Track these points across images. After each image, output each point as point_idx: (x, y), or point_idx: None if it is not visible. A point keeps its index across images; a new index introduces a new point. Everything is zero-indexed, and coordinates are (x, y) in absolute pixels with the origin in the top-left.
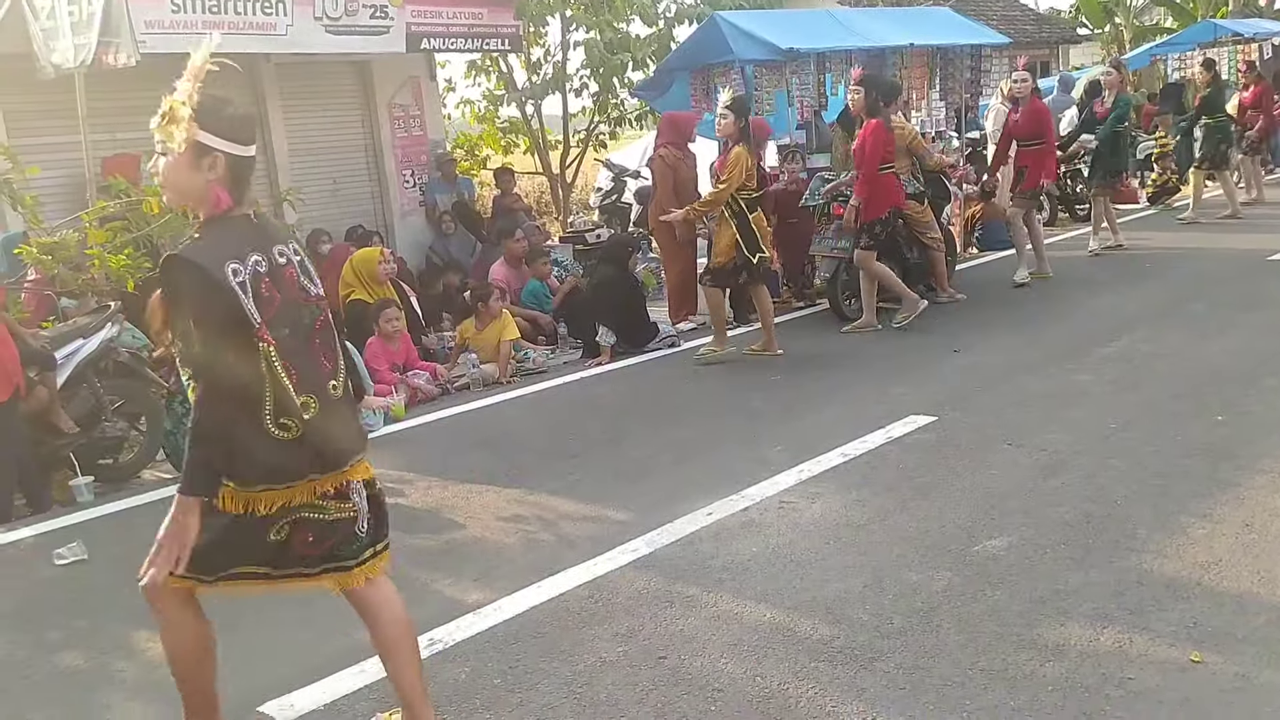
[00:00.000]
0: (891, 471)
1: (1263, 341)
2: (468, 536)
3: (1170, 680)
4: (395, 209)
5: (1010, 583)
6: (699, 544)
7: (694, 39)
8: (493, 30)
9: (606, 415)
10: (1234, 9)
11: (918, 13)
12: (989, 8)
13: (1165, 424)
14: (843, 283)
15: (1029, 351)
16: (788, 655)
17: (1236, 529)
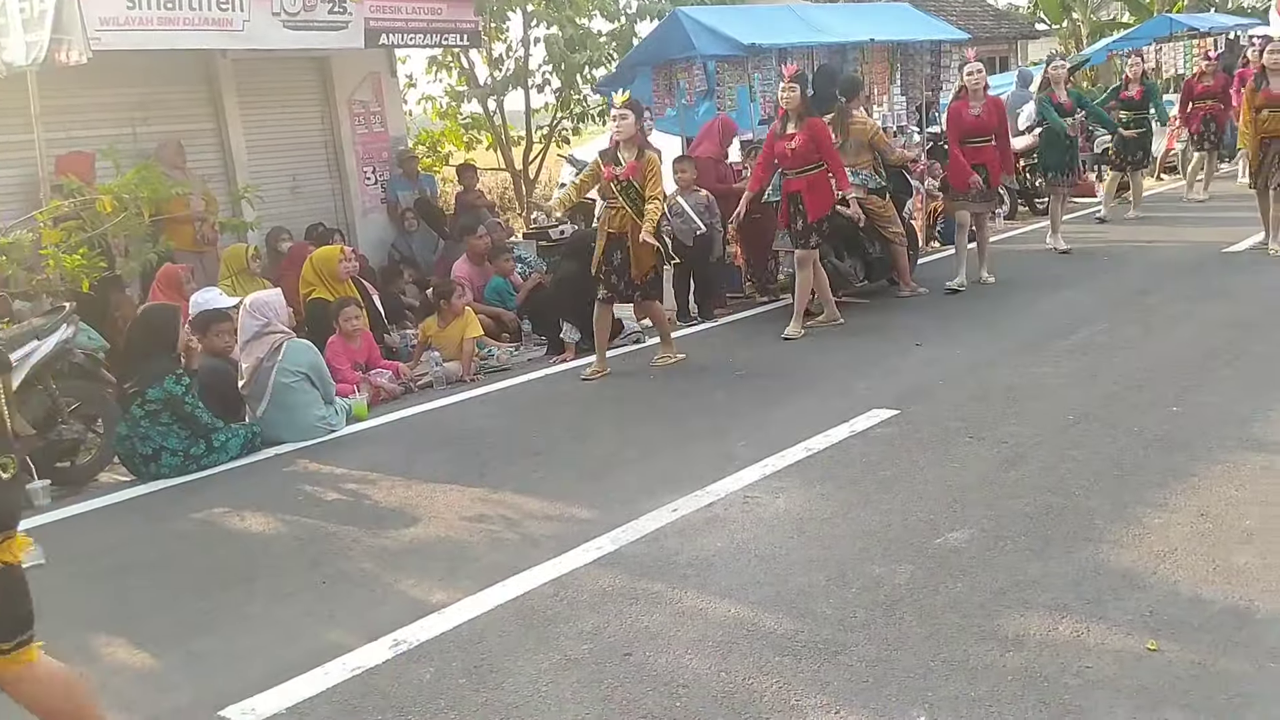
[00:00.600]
0: (855, 465)
1: (1217, 333)
2: (432, 535)
3: (1127, 669)
4: (356, 206)
5: (971, 574)
6: (664, 540)
7: (656, 34)
8: (452, 25)
9: (571, 412)
10: (1189, 3)
11: (878, 8)
12: (948, 3)
13: (1122, 415)
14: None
15: (989, 345)
16: (752, 650)
17: (1192, 518)
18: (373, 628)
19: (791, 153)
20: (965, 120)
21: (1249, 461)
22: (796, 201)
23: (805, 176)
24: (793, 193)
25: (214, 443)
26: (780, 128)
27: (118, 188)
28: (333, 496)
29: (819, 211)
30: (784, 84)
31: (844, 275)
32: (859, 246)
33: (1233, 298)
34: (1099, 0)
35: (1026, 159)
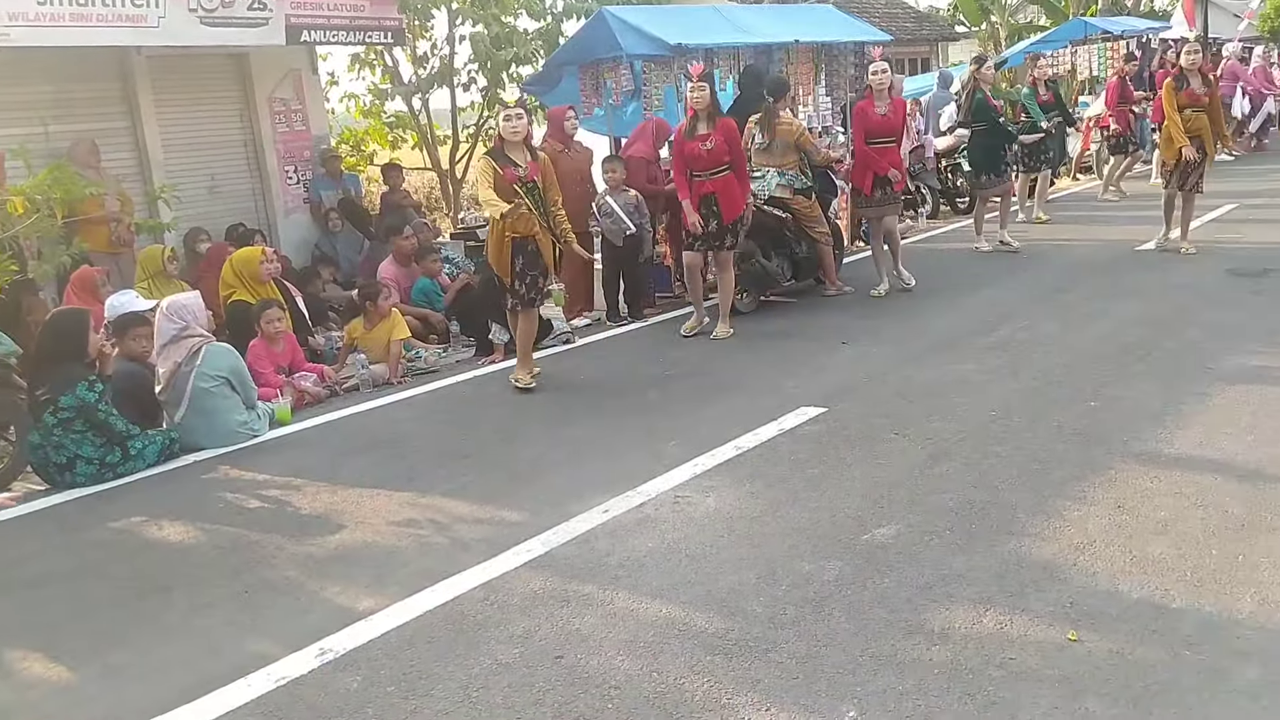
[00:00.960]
0: (783, 463)
1: (1131, 329)
2: (359, 541)
3: (1049, 660)
4: (278, 206)
5: (898, 570)
6: (594, 542)
7: (582, 34)
8: (375, 23)
9: (500, 414)
10: (1103, 7)
11: (802, 9)
12: (871, 5)
13: (1042, 410)
14: (734, 276)
15: (913, 343)
16: (683, 650)
17: (1109, 510)
18: (298, 637)
19: (707, 154)
20: (871, 120)
21: (1162, 454)
22: (710, 204)
23: (719, 178)
24: (706, 195)
25: (130, 450)
26: (689, 129)
27: (29, 188)
28: (255, 503)
29: (734, 213)
30: (692, 84)
31: (771, 275)
32: (786, 246)
33: (1144, 295)
34: (1016, 3)
35: (949, 158)
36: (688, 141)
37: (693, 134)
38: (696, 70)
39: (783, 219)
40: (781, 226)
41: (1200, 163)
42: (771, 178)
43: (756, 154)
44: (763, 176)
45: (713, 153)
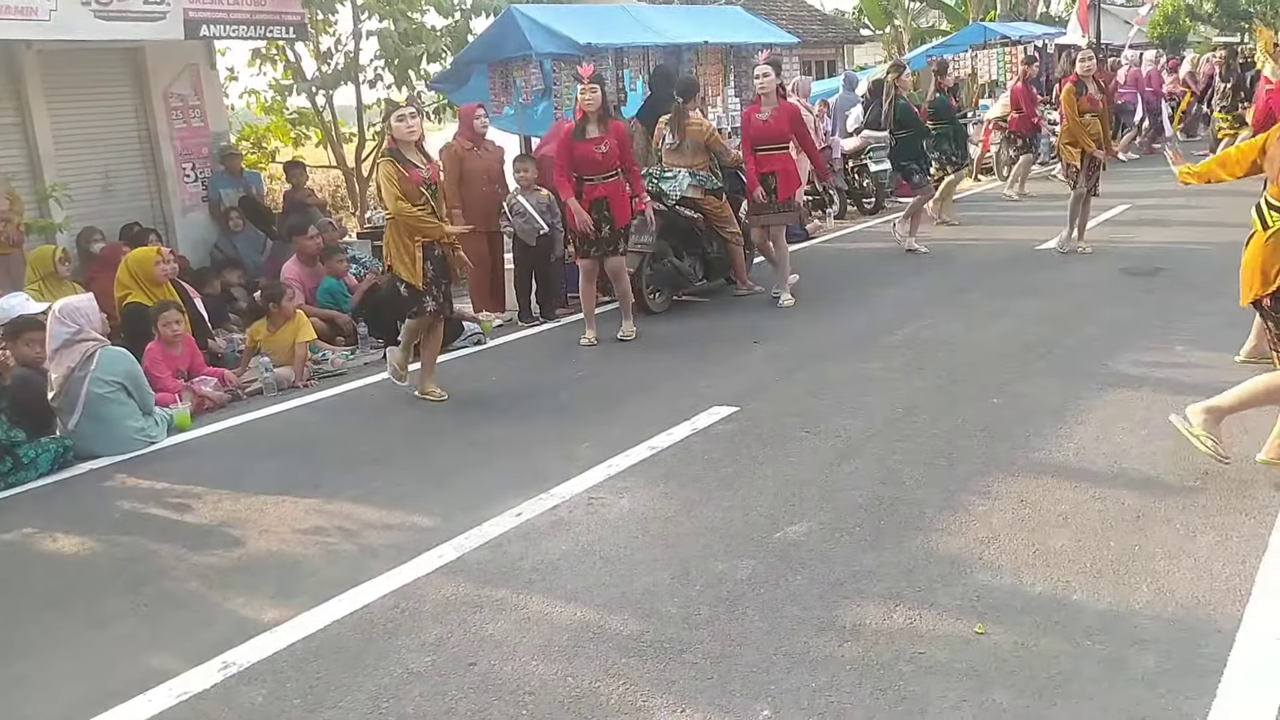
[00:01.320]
0: (697, 463)
1: (1032, 326)
2: (263, 551)
3: (957, 653)
4: (175, 205)
5: (810, 567)
6: (508, 546)
7: (491, 31)
8: (277, 17)
9: (410, 417)
10: (1002, 13)
11: (711, 11)
12: (778, 8)
13: (948, 407)
14: (647, 276)
15: (823, 341)
16: (598, 653)
17: (1013, 504)
18: (200, 650)
19: (602, 157)
20: (754, 126)
21: (1062, 449)
22: (603, 208)
23: (611, 183)
24: (598, 199)
25: (21, 459)
26: (580, 131)
27: None
28: (154, 512)
29: (626, 217)
30: (583, 86)
31: (684, 274)
32: (698, 246)
33: (1044, 294)
34: (919, 8)
35: (855, 160)
36: (578, 144)
37: (584, 136)
38: (586, 72)
39: (694, 219)
40: (693, 227)
41: (1098, 165)
42: (683, 178)
43: (667, 154)
44: (674, 177)
45: (607, 156)
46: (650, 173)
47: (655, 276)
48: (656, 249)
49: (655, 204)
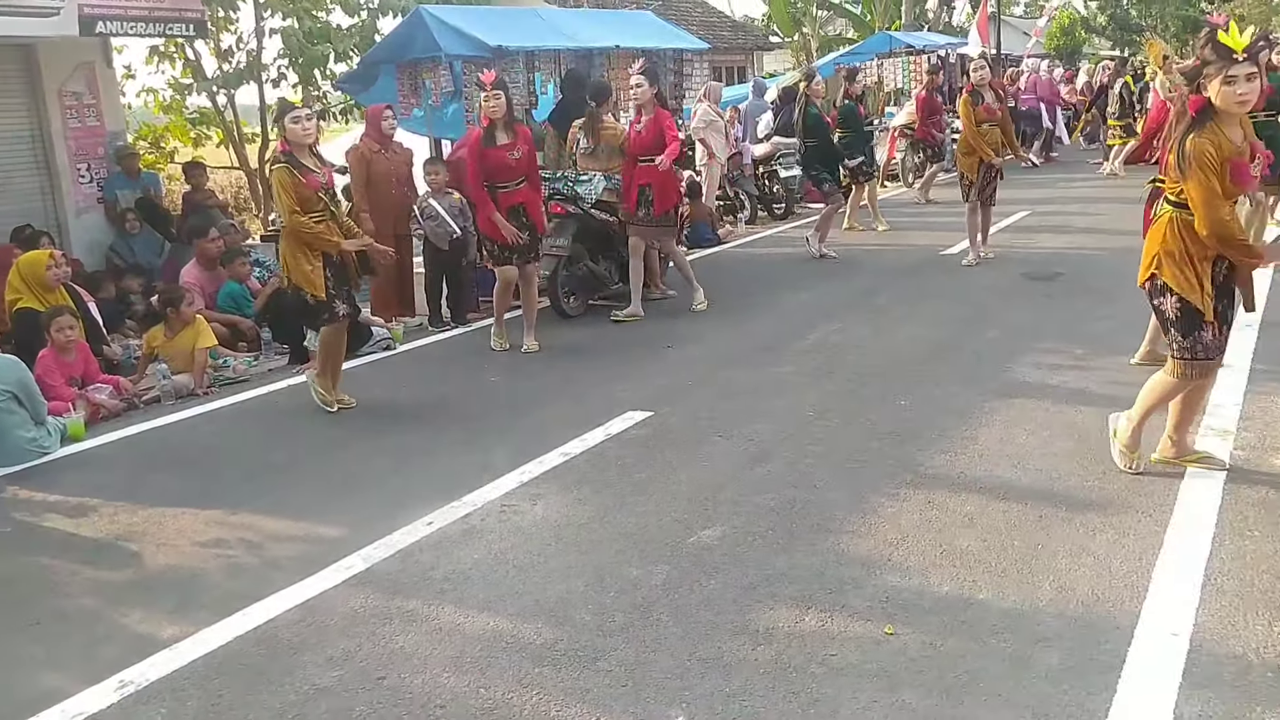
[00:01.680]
0: (610, 468)
1: (937, 330)
2: (161, 565)
3: (867, 654)
4: (69, 206)
5: (724, 571)
6: (418, 555)
7: (399, 32)
8: (176, 14)
9: (317, 425)
10: (906, 22)
11: (622, 16)
12: (689, 13)
13: (857, 410)
14: (562, 279)
15: (735, 345)
16: (511, 664)
17: (920, 506)
18: (95, 669)
19: (516, 163)
20: (630, 136)
21: (967, 450)
22: (520, 214)
23: (525, 187)
24: (515, 205)
25: None
26: (489, 138)
27: None
28: (47, 526)
29: (543, 223)
30: (487, 92)
31: (599, 278)
32: (613, 249)
33: (949, 298)
34: (826, 16)
35: (766, 165)
36: (490, 150)
37: (494, 143)
38: (488, 78)
39: (609, 222)
40: (608, 230)
41: (996, 174)
42: (598, 181)
43: (582, 158)
44: (589, 180)
45: (520, 162)
46: (565, 176)
47: (570, 280)
48: (572, 252)
49: (571, 207)
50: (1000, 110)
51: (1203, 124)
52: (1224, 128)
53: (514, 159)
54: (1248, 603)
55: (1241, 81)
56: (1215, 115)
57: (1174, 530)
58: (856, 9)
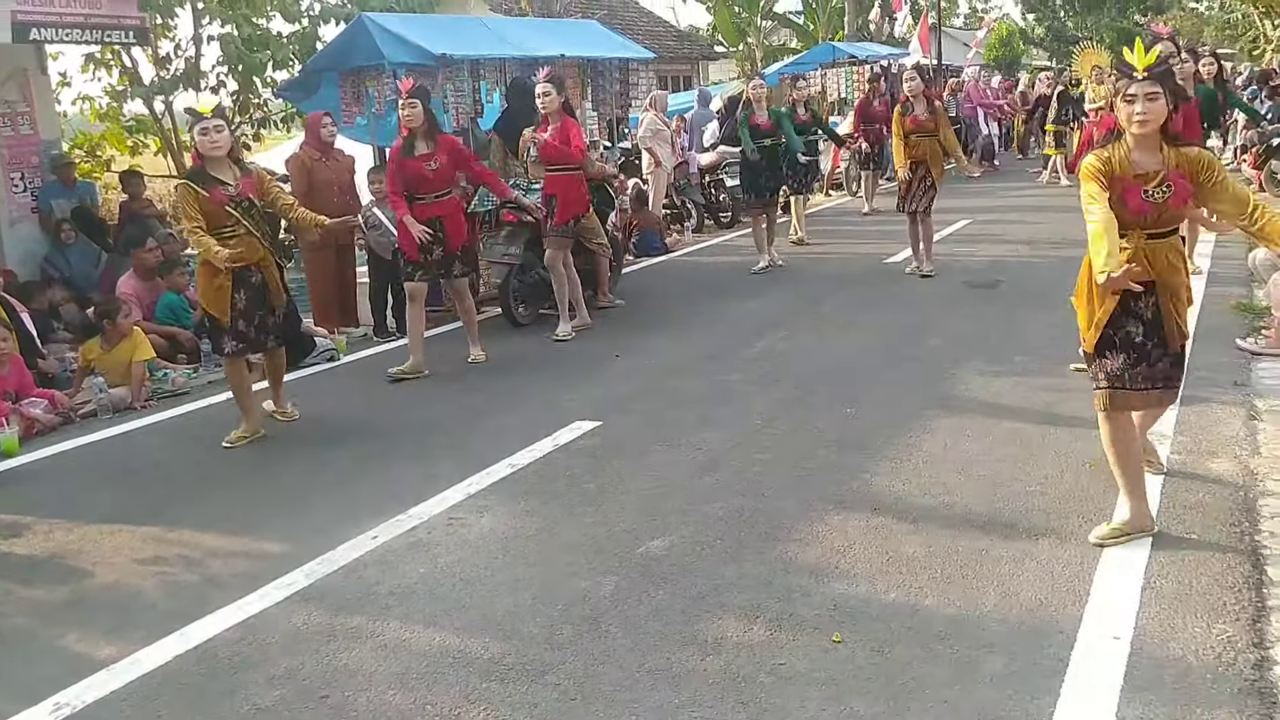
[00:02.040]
0: (559, 479)
1: (882, 337)
2: (98, 584)
3: (816, 662)
4: (3, 216)
5: (672, 582)
6: (363, 571)
7: (342, 39)
8: (114, 21)
9: (258, 439)
10: (849, 33)
11: (568, 25)
12: (634, 23)
13: (803, 418)
14: (514, 288)
15: (683, 354)
16: (458, 679)
17: (866, 513)
18: (29, 692)
19: (433, 174)
20: (539, 146)
21: (912, 457)
22: (436, 228)
23: (445, 201)
24: (431, 219)
25: None
26: (408, 148)
27: None
28: None
29: (461, 239)
30: (403, 100)
31: (545, 286)
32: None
33: (893, 306)
34: (770, 26)
35: (712, 174)
36: (407, 160)
37: (412, 153)
38: (406, 86)
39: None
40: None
41: (929, 186)
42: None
43: (533, 166)
44: (539, 188)
45: (439, 173)
46: (516, 185)
47: (521, 289)
48: (524, 260)
49: (523, 216)
50: (933, 121)
51: (1108, 141)
52: (1131, 148)
53: (430, 169)
54: (1186, 605)
55: (1139, 100)
56: (1123, 134)
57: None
58: (800, 20)
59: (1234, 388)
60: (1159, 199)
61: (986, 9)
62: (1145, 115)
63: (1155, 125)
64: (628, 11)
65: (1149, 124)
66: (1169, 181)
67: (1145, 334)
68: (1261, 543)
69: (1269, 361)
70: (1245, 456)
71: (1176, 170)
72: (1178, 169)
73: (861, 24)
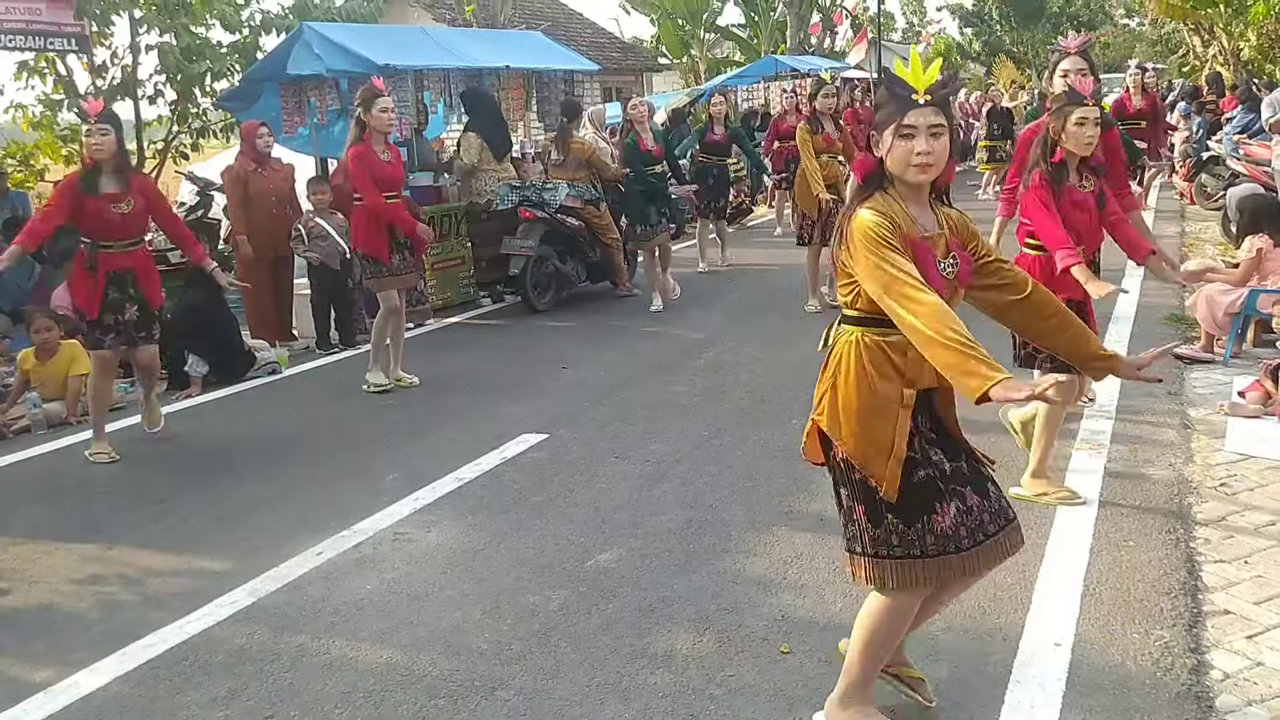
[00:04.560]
0: (507, 493)
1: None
2: (32, 605)
3: (765, 673)
4: None
5: (621, 595)
6: (308, 587)
7: (282, 49)
8: (55, 28)
9: (199, 454)
10: (791, 46)
11: (512, 36)
12: (579, 34)
13: (750, 428)
14: (531, 277)
15: (629, 366)
16: (407, 697)
17: (814, 522)
18: None
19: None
20: (375, 166)
21: None
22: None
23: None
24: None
25: None
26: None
27: None
28: None
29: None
30: (90, 125)
31: (566, 276)
32: (580, 251)
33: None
34: (713, 39)
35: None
36: (90, 199)
37: (95, 190)
38: (94, 108)
39: (577, 227)
40: (576, 234)
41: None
42: (562, 189)
43: (552, 169)
44: (554, 189)
45: (130, 218)
46: (534, 184)
47: (539, 278)
48: (540, 252)
49: (539, 212)
50: (843, 140)
51: (867, 193)
52: (902, 200)
53: (118, 213)
54: (1125, 612)
55: (920, 135)
56: (891, 183)
57: (1054, 542)
58: (743, 33)
59: (1168, 397)
60: (950, 274)
61: (924, 24)
62: (928, 158)
63: (939, 172)
64: (571, 23)
65: (932, 170)
66: (953, 252)
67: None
68: (1196, 549)
69: (1201, 371)
70: (1180, 465)
71: (953, 237)
72: (954, 234)
73: (803, 37)
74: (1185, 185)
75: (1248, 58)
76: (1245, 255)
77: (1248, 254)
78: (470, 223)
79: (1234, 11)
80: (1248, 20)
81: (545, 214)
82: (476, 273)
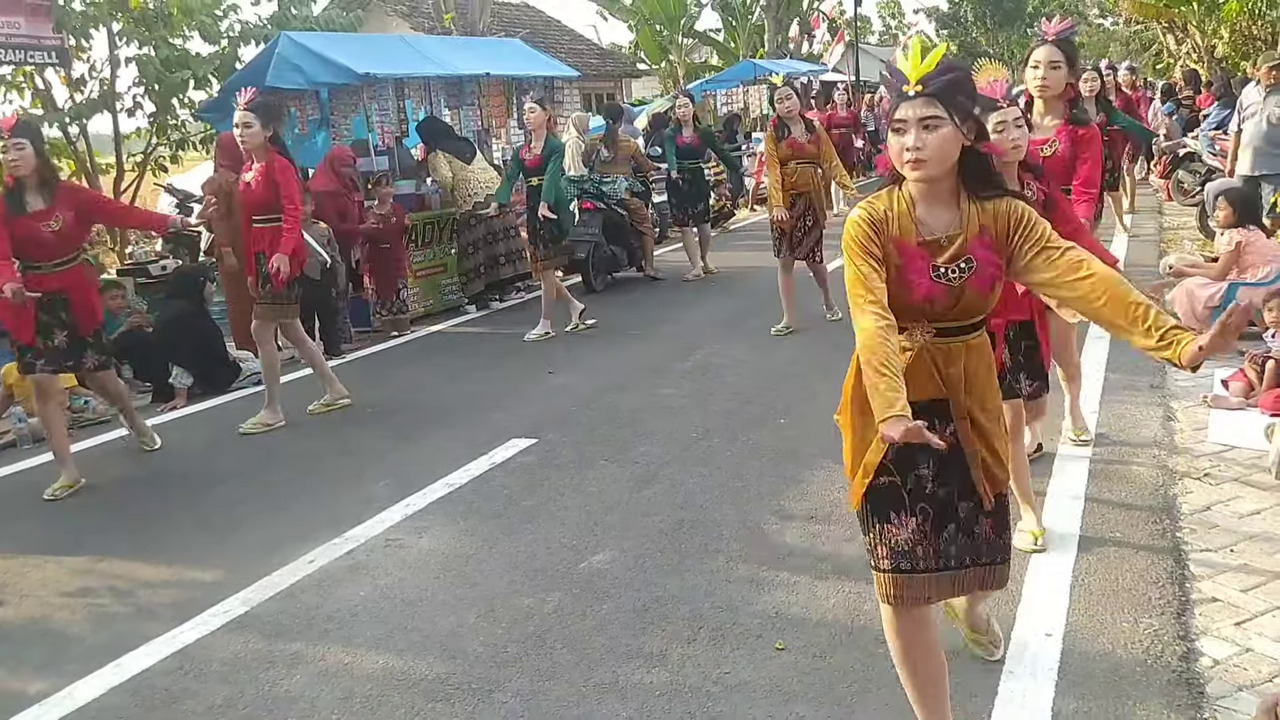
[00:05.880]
0: (497, 497)
1: (813, 350)
2: (23, 618)
3: (760, 670)
4: None
5: (615, 596)
6: (301, 595)
7: (262, 59)
8: (34, 42)
9: (187, 465)
10: (769, 50)
11: (491, 43)
12: (558, 40)
13: (739, 429)
14: (594, 261)
15: (616, 369)
16: (403, 701)
17: (804, 521)
18: None
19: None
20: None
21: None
22: (58, 309)
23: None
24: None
25: None
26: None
27: None
28: None
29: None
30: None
31: (616, 260)
32: (624, 238)
33: (821, 319)
34: (691, 44)
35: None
36: (18, 219)
37: (23, 209)
38: (6, 124)
39: (625, 216)
40: (622, 222)
41: (813, 225)
42: (620, 183)
43: (601, 165)
44: (613, 182)
45: (62, 235)
46: (592, 178)
47: (598, 262)
48: (594, 239)
49: (599, 203)
50: (814, 144)
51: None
52: (913, 201)
53: (49, 230)
54: (1114, 601)
55: (911, 129)
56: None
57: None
58: (721, 37)
59: (1150, 390)
60: (954, 280)
61: (901, 26)
62: (917, 153)
63: (939, 169)
64: (550, 30)
65: (926, 166)
66: (970, 254)
67: (941, 479)
68: (1183, 539)
69: None
70: (1164, 456)
71: (980, 237)
72: (981, 235)
73: (781, 41)
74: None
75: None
76: (1225, 249)
77: (1227, 247)
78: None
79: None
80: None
81: (605, 205)
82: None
